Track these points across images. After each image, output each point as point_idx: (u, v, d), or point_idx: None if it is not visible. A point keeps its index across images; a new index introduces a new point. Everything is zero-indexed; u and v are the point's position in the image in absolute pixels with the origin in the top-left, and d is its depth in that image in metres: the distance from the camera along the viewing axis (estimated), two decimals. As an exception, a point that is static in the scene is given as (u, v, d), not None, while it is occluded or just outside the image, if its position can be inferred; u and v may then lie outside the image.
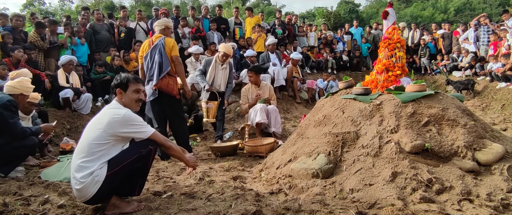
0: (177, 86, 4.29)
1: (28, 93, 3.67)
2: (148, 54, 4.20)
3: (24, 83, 3.59)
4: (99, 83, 7.01)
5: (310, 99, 8.45)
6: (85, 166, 2.24)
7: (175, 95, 4.25)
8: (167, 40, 4.20)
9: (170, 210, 2.42)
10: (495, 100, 7.30)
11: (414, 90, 3.32)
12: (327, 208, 2.37)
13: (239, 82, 7.71)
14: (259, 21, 9.72)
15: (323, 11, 30.09)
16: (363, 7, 37.61)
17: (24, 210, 2.32)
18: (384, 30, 4.24)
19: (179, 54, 4.24)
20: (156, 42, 4.17)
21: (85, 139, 2.31)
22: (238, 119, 6.75)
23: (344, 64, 11.09)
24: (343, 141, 3.08)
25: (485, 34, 9.10)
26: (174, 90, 4.22)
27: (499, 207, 2.32)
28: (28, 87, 3.63)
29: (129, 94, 2.48)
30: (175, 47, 4.20)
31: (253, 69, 5.43)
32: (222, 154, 4.45)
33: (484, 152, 2.78)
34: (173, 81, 4.21)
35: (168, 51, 4.15)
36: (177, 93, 4.26)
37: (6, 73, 5.00)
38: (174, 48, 4.18)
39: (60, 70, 6.09)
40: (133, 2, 30.19)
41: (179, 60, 4.22)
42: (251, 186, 3.13)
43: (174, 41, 4.26)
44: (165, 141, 2.50)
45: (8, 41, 5.84)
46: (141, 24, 8.69)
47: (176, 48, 4.21)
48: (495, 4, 30.17)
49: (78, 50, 7.24)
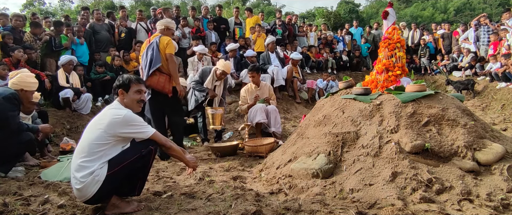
0: (170, 85, 4.22)
1: (31, 89, 3.60)
2: (144, 53, 4.20)
3: (24, 79, 3.55)
4: (99, 83, 7.00)
5: (310, 99, 8.45)
6: (86, 165, 2.25)
7: (168, 93, 4.22)
8: (163, 38, 4.18)
9: (170, 210, 2.42)
10: (495, 100, 7.30)
11: (414, 90, 3.32)
12: (327, 208, 2.37)
13: (239, 82, 7.71)
14: (258, 21, 9.72)
15: (323, 11, 30.10)
16: (363, 7, 37.66)
17: (24, 210, 2.32)
18: (384, 30, 4.25)
19: (173, 53, 4.17)
20: (152, 41, 4.17)
21: (86, 139, 2.32)
22: (238, 119, 6.75)
23: (344, 64, 11.09)
24: (343, 141, 3.08)
25: (485, 34, 9.10)
26: (165, 88, 4.18)
27: (499, 207, 2.32)
28: (29, 82, 3.57)
29: (130, 95, 2.49)
30: (169, 45, 4.14)
31: (254, 69, 5.43)
32: (222, 154, 4.45)
33: (484, 152, 2.78)
34: (164, 79, 4.15)
35: (162, 49, 4.12)
36: (169, 91, 4.22)
37: (6, 73, 5.00)
38: (168, 46, 4.13)
39: (60, 70, 6.09)
40: (133, 2, 30.19)
41: (172, 59, 4.16)
42: (251, 186, 3.13)
43: (170, 39, 4.21)
44: (165, 141, 2.50)
45: (8, 41, 5.84)
46: (142, 24, 8.70)
47: (171, 46, 4.16)
48: (495, 4, 30.18)
49: (77, 50, 7.24)
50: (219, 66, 5.11)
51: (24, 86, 3.54)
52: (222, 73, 5.10)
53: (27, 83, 3.57)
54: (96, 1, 28.31)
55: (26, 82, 3.55)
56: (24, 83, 3.54)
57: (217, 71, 5.11)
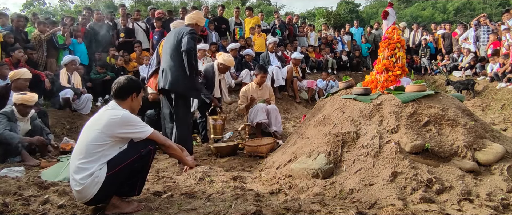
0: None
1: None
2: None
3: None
4: (99, 83, 7.00)
5: (310, 99, 8.45)
6: (85, 167, 2.24)
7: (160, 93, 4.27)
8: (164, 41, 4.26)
9: (170, 210, 2.42)
10: (495, 100, 7.30)
11: (414, 90, 3.32)
12: (327, 208, 2.37)
13: (239, 82, 7.70)
14: (258, 21, 9.72)
15: (323, 11, 30.05)
16: (363, 7, 37.61)
17: (24, 210, 2.31)
18: (384, 30, 4.25)
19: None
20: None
21: (83, 140, 2.31)
22: (238, 119, 6.75)
23: (344, 64, 11.09)
24: (343, 141, 3.08)
25: (485, 34, 9.11)
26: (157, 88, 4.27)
27: (499, 207, 2.32)
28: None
29: (139, 98, 2.55)
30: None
31: (264, 70, 5.46)
32: (222, 154, 4.45)
33: (484, 152, 2.78)
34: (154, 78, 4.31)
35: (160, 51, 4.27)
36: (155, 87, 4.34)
37: (6, 73, 5.01)
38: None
39: (62, 70, 6.09)
40: (132, 2, 30.16)
41: None
42: (251, 186, 3.13)
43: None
44: (164, 141, 2.50)
45: (9, 41, 5.84)
46: (139, 24, 8.69)
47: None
48: (495, 4, 30.16)
49: (76, 50, 7.23)
50: (219, 59, 5.17)
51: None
52: (225, 68, 5.18)
53: None
54: (96, 1, 28.27)
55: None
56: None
57: (220, 66, 5.17)
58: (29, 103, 4.05)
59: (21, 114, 4.06)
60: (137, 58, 8.04)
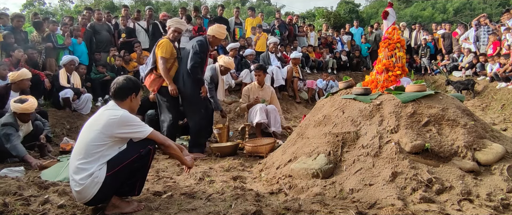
0: (155, 84, 4.40)
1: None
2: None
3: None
4: (99, 83, 7.00)
5: (310, 99, 8.45)
6: (84, 167, 2.24)
7: (152, 92, 4.52)
8: (161, 40, 4.36)
9: (170, 210, 2.42)
10: (495, 100, 7.30)
11: (414, 90, 3.32)
12: (327, 208, 2.37)
13: (239, 82, 7.70)
14: (260, 22, 9.72)
15: (323, 11, 30.05)
16: (363, 7, 37.62)
17: (24, 210, 2.31)
18: (384, 30, 4.24)
19: (164, 56, 4.25)
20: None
21: (82, 140, 2.30)
22: (238, 119, 6.74)
23: (344, 64, 11.09)
24: (343, 141, 3.08)
25: (485, 34, 9.11)
26: (151, 86, 4.43)
27: (499, 207, 2.32)
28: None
29: (138, 98, 2.55)
30: (160, 48, 4.26)
31: (261, 68, 5.49)
32: (222, 154, 4.45)
33: (484, 152, 2.78)
34: (151, 79, 4.39)
35: (156, 51, 4.32)
36: (154, 90, 4.45)
37: (6, 73, 5.00)
38: (160, 48, 4.27)
39: (62, 70, 6.08)
40: (132, 2, 30.15)
41: (160, 61, 4.27)
42: (251, 186, 3.13)
43: (164, 41, 4.31)
44: (164, 140, 2.49)
45: (9, 41, 5.83)
46: (140, 23, 8.69)
47: (162, 49, 4.26)
48: (495, 4, 30.16)
49: (76, 50, 7.23)
50: (220, 62, 5.28)
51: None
52: (226, 70, 5.31)
53: None
54: (96, 1, 28.27)
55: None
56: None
57: (221, 68, 5.29)
58: (29, 112, 4.01)
59: (23, 121, 4.05)
60: (138, 58, 8.03)
